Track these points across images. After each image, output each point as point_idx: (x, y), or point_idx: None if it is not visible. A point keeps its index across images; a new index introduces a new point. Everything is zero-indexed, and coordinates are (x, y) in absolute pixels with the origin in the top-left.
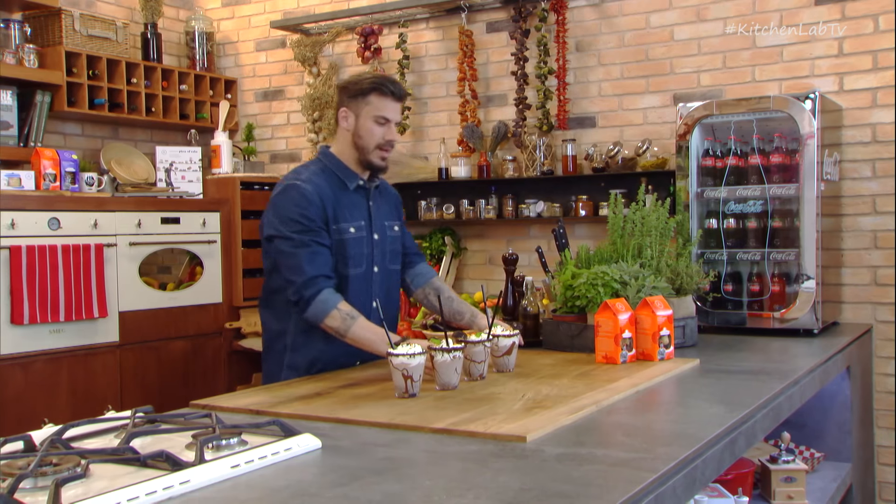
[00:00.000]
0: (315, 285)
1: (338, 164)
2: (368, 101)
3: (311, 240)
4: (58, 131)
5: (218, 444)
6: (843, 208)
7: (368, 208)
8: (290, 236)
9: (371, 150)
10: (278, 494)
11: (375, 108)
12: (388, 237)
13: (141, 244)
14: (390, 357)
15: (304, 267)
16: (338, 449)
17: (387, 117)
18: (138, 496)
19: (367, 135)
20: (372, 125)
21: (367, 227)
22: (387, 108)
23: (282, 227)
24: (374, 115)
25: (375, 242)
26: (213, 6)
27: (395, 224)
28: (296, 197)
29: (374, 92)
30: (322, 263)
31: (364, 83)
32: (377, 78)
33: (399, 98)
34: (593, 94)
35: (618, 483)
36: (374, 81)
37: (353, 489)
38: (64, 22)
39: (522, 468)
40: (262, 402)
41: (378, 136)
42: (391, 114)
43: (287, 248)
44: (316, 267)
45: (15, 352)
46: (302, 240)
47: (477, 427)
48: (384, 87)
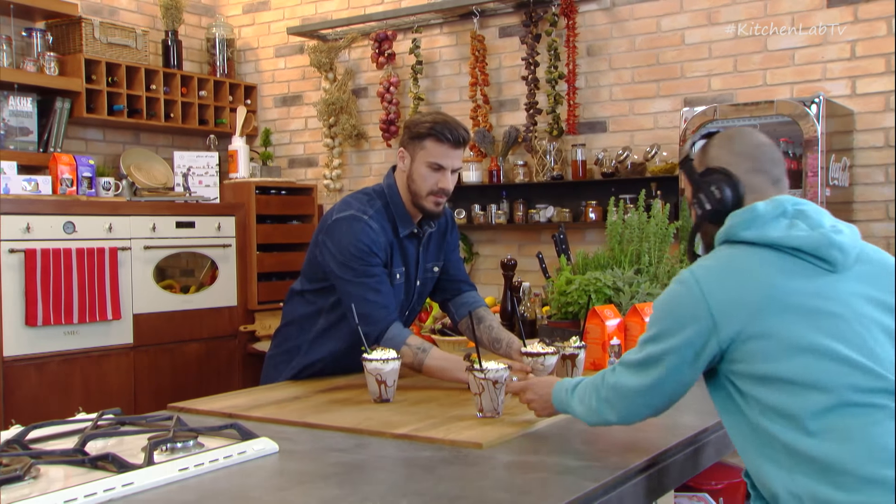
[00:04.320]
0: (382, 320)
1: (397, 204)
2: (424, 145)
3: (377, 271)
4: (79, 137)
5: (173, 447)
6: (855, 214)
7: (417, 255)
8: (353, 268)
9: (423, 196)
10: (217, 497)
11: (430, 153)
12: (428, 279)
13: (155, 248)
14: (364, 362)
15: (368, 298)
16: (294, 453)
17: (441, 164)
18: (76, 498)
19: (419, 180)
20: (425, 171)
21: (410, 274)
22: (442, 154)
23: (346, 257)
24: (428, 161)
25: (416, 289)
26: (234, 13)
27: (435, 265)
28: (361, 233)
29: (431, 137)
30: (387, 297)
31: (422, 126)
32: (437, 122)
33: (457, 144)
34: (604, 98)
35: (556, 491)
36: (432, 126)
37: (293, 493)
38: (84, 30)
39: (467, 475)
40: (238, 406)
41: (431, 182)
42: (446, 161)
43: (349, 278)
44: (382, 299)
45: (30, 352)
46: (366, 271)
47: (437, 433)
48: (441, 133)
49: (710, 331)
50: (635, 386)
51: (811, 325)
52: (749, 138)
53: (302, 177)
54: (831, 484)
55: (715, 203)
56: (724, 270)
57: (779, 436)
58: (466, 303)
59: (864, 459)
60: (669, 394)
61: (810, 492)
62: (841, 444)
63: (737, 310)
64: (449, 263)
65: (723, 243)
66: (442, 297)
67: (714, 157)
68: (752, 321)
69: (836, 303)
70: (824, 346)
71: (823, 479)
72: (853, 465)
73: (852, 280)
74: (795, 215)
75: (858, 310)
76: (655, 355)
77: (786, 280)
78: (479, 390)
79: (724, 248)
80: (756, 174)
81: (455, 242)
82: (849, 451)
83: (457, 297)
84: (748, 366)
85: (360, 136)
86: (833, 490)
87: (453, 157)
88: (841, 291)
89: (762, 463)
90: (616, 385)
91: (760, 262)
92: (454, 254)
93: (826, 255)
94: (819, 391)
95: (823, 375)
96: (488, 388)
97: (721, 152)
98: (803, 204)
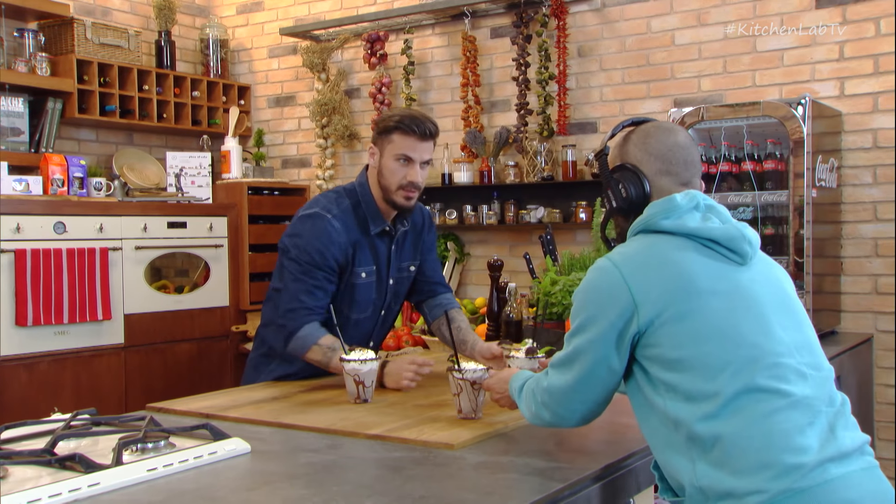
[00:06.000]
0: (301, 318)
1: (369, 202)
2: (392, 139)
3: (321, 274)
4: (72, 137)
5: (143, 448)
6: (843, 215)
7: (389, 254)
8: (301, 262)
9: (393, 191)
10: (182, 497)
11: (398, 146)
12: (403, 279)
13: (147, 248)
14: (342, 363)
15: (299, 296)
16: (266, 453)
17: (409, 156)
18: (40, 498)
19: (389, 174)
20: (394, 164)
21: (381, 273)
22: (409, 147)
23: (297, 251)
24: (396, 154)
25: (389, 287)
26: (228, 14)
27: (411, 265)
28: (319, 232)
29: (398, 130)
30: (319, 298)
31: (390, 121)
32: (404, 116)
33: (424, 137)
34: (594, 99)
35: (520, 492)
36: (399, 120)
37: (258, 494)
38: (76, 31)
39: (434, 476)
40: (216, 406)
41: (400, 176)
42: (414, 153)
43: (294, 270)
44: (312, 300)
45: (20, 353)
46: (309, 270)
47: (410, 434)
48: (408, 125)
49: (633, 312)
50: (565, 384)
51: (725, 310)
52: (666, 138)
53: (295, 177)
54: (729, 469)
55: (621, 201)
56: (643, 256)
57: (684, 422)
58: (440, 304)
59: (761, 445)
60: (601, 384)
61: (711, 482)
62: (742, 430)
63: (656, 293)
64: (425, 264)
65: (639, 232)
66: (416, 298)
67: (629, 152)
68: (669, 305)
69: (747, 291)
70: (736, 331)
71: (723, 467)
72: (751, 451)
73: (758, 271)
74: (707, 209)
75: (765, 297)
76: (581, 347)
77: (702, 268)
78: (457, 391)
79: (641, 237)
80: (664, 176)
81: (431, 242)
82: (748, 437)
83: (431, 299)
84: (661, 350)
85: (353, 137)
86: (729, 476)
87: (421, 149)
88: (750, 281)
89: (670, 455)
90: (549, 388)
91: (678, 248)
92: (430, 254)
93: (738, 247)
94: (727, 376)
95: (734, 360)
96: (466, 388)
97: (635, 150)
98: (712, 201)
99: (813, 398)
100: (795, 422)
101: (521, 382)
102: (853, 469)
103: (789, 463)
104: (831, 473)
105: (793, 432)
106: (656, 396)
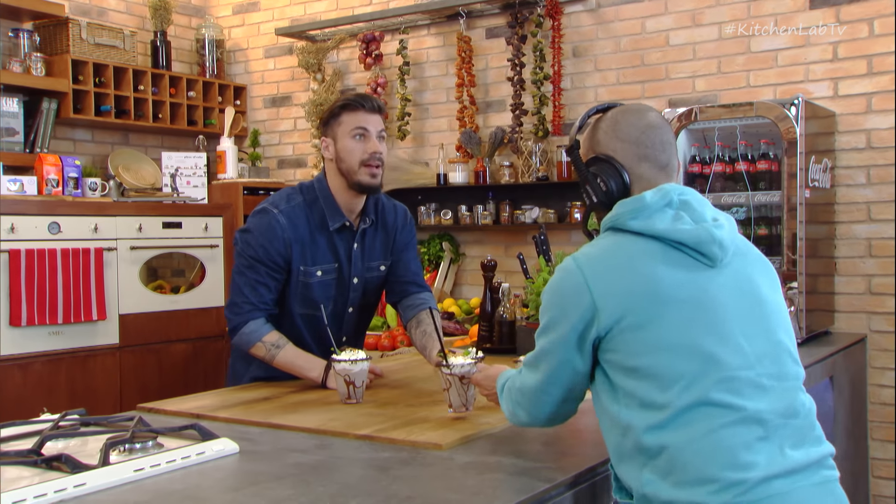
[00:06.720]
0: (245, 313)
1: (327, 198)
2: (341, 121)
3: (263, 269)
4: (68, 137)
5: (131, 448)
6: (837, 216)
7: (350, 251)
8: (245, 257)
9: (356, 170)
10: (168, 498)
11: (349, 123)
12: (373, 278)
13: (142, 248)
14: (333, 363)
15: (243, 290)
16: (254, 454)
17: (363, 127)
18: (25, 499)
19: (348, 155)
20: (350, 142)
21: (343, 270)
22: (361, 119)
23: (243, 245)
24: (350, 131)
25: (353, 286)
26: (223, 14)
27: (381, 264)
28: (264, 227)
29: (345, 110)
30: (262, 294)
31: (334, 107)
32: (346, 97)
33: (371, 109)
34: (590, 99)
35: (507, 493)
36: (343, 101)
37: (244, 494)
38: (71, 31)
39: (421, 476)
40: (206, 406)
41: (359, 151)
42: (368, 124)
43: (239, 264)
44: (255, 295)
45: (14, 353)
46: (253, 265)
47: (399, 434)
48: (353, 102)
49: (593, 315)
50: (534, 383)
51: (685, 320)
52: (637, 120)
53: (291, 177)
54: (672, 481)
55: (601, 196)
56: (607, 258)
57: (633, 429)
58: (413, 305)
59: (705, 459)
60: (566, 384)
61: (655, 490)
62: (688, 443)
63: (617, 298)
64: (397, 263)
65: (608, 230)
66: (391, 299)
67: (600, 142)
68: (629, 312)
69: (712, 298)
70: (694, 343)
71: (666, 477)
72: (695, 464)
73: (729, 275)
74: (681, 206)
75: (731, 305)
76: (546, 348)
77: (667, 272)
78: (446, 386)
79: (609, 236)
80: (643, 162)
81: (406, 242)
82: (693, 451)
83: (404, 299)
84: (621, 356)
85: None
86: (672, 487)
87: (372, 121)
88: (717, 286)
89: (620, 459)
90: (522, 387)
91: (643, 253)
92: (405, 254)
93: (707, 250)
94: (679, 388)
95: (688, 372)
96: (455, 383)
97: (606, 138)
98: (688, 194)
99: (767, 412)
100: (742, 437)
101: (503, 381)
102: (803, 484)
103: (732, 479)
104: (775, 489)
105: (739, 448)
106: (612, 400)
